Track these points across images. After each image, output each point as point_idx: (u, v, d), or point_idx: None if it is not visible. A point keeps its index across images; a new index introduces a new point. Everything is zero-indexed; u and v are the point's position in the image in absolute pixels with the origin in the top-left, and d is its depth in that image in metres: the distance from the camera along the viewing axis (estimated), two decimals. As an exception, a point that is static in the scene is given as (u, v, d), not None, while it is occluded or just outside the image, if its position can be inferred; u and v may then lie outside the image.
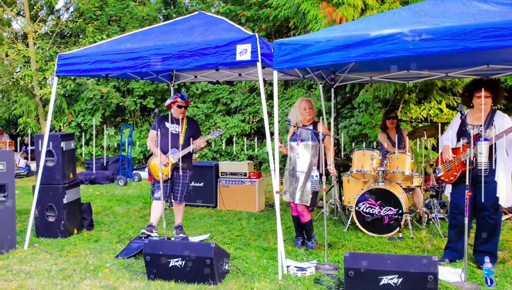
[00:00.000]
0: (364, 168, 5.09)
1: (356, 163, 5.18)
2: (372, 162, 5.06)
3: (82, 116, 11.70)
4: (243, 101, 11.18)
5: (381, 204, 4.93)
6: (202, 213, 6.24)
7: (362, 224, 4.99)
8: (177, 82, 6.90)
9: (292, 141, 4.52)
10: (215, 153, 11.03)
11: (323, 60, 3.67)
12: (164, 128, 4.83)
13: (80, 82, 11.59)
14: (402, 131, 5.77)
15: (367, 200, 4.97)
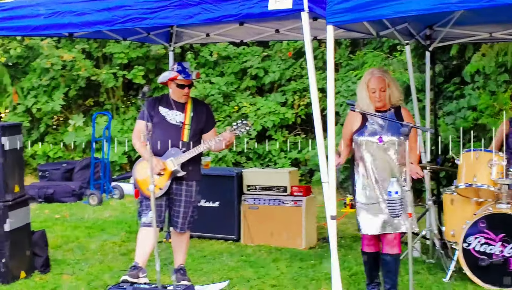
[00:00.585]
0: (478, 180, 5.05)
1: (464, 173, 5.15)
2: (490, 171, 5.02)
3: (33, 96, 12.18)
4: (284, 73, 11.30)
5: (505, 239, 4.88)
6: (218, 250, 6.38)
7: (473, 271, 4.96)
8: (178, 43, 7.09)
9: (360, 135, 4.55)
10: (239, 155, 11.21)
11: (408, 8, 3.66)
12: (158, 117, 4.98)
13: (31, 45, 12.04)
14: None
15: (482, 232, 4.94)
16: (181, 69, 4.92)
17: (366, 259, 4.72)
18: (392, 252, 4.54)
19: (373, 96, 4.51)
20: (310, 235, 6.52)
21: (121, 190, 9.84)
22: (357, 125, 4.60)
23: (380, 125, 4.52)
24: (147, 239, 4.85)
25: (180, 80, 4.91)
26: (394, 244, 4.52)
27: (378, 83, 4.50)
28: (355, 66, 10.11)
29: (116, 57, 11.73)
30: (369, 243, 4.65)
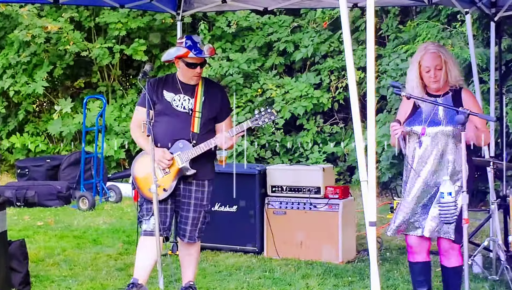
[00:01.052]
0: (552, 180, 5.10)
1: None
2: None
3: (10, 76, 12.35)
4: (318, 48, 11.37)
5: None
6: (235, 264, 6.52)
7: (546, 291, 5.04)
8: (188, 11, 7.24)
9: (409, 125, 4.67)
10: (262, 148, 11.32)
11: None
12: (163, 102, 5.09)
13: (7, 13, 12.16)
14: None
15: (557, 244, 5.00)
16: (191, 44, 4.97)
17: (413, 271, 4.84)
18: (449, 264, 4.66)
19: (427, 76, 4.61)
20: (348, 246, 6.65)
21: (118, 191, 10.00)
22: (408, 111, 4.72)
23: (433, 113, 4.61)
24: (148, 251, 4.96)
25: (191, 58, 4.97)
26: (451, 254, 4.62)
27: (433, 60, 4.59)
28: (406, 39, 10.15)
29: (112, 28, 11.87)
30: (412, 251, 4.76)
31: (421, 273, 4.81)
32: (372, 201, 4.26)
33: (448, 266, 4.68)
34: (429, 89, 4.68)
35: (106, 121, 11.02)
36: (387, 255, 6.72)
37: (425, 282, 4.81)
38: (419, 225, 4.68)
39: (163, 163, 4.95)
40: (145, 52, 11.89)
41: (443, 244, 4.66)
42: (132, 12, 11.73)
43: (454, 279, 4.70)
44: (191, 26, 12.21)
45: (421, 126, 4.62)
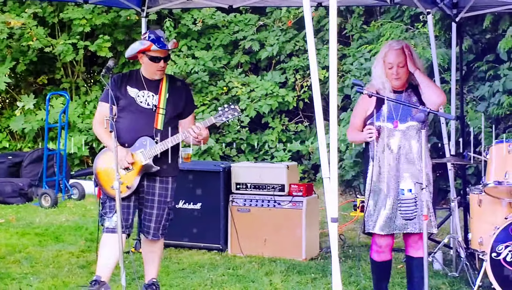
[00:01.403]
0: (510, 177, 5.18)
1: (494, 169, 5.29)
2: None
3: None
4: (283, 46, 11.43)
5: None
6: (199, 261, 6.53)
7: (503, 286, 5.09)
8: (153, 8, 7.22)
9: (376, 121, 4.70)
10: (228, 146, 11.35)
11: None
12: (126, 98, 5.08)
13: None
14: None
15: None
16: (154, 38, 4.98)
17: (375, 269, 4.91)
18: (416, 255, 4.72)
19: (389, 73, 4.67)
20: (312, 243, 6.71)
21: (81, 189, 9.95)
22: (371, 109, 4.76)
23: (397, 108, 4.67)
24: (111, 248, 4.94)
25: (154, 51, 4.97)
26: (420, 245, 4.68)
27: (396, 57, 4.67)
28: (370, 39, 10.26)
29: (76, 24, 11.81)
30: (378, 249, 4.82)
31: (385, 270, 4.89)
32: (334, 197, 4.31)
33: (415, 256, 4.73)
34: (393, 86, 4.73)
35: (69, 118, 10.92)
36: (349, 252, 6.79)
37: (385, 279, 4.91)
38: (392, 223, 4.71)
39: (123, 164, 4.93)
40: (110, 49, 11.85)
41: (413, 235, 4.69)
42: (97, 8, 11.68)
43: (419, 269, 4.70)
44: (157, 23, 12.15)
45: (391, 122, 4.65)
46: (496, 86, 8.29)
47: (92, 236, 7.41)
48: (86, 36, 12.10)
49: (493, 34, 8.59)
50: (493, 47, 8.56)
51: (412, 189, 4.34)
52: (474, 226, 5.74)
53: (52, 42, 11.90)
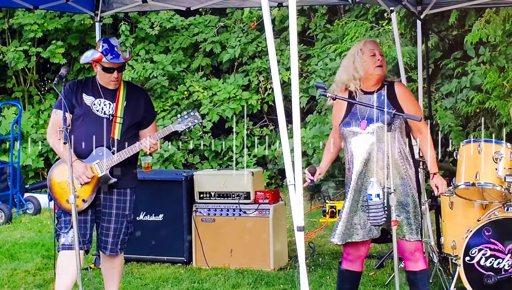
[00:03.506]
0: (481, 178, 5.22)
1: (465, 170, 5.34)
2: (497, 165, 5.20)
3: None
4: (246, 48, 11.43)
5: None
6: (162, 275, 6.47)
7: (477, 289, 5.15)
8: (107, 12, 7.16)
9: (345, 126, 4.68)
10: (190, 153, 11.29)
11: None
12: (82, 107, 5.03)
13: None
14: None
15: (487, 242, 5.13)
16: (107, 48, 4.95)
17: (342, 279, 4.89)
18: (417, 268, 4.65)
19: (372, 61, 4.59)
20: (280, 252, 6.69)
21: (36, 203, 9.82)
22: (343, 112, 4.73)
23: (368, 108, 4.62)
24: (68, 265, 4.88)
25: (106, 62, 4.95)
26: (418, 257, 4.64)
27: (376, 45, 4.67)
28: (334, 38, 10.30)
29: (27, 30, 11.66)
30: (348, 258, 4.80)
31: (352, 282, 4.87)
32: (300, 205, 4.30)
33: (417, 270, 4.66)
34: (364, 85, 4.69)
35: (22, 129, 10.80)
36: (320, 261, 6.78)
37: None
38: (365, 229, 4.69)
39: (82, 180, 4.89)
40: (64, 55, 11.72)
41: (408, 247, 4.62)
42: (49, 13, 11.55)
43: (424, 284, 4.68)
44: (112, 27, 12.09)
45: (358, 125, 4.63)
46: (464, 82, 8.39)
47: (49, 253, 7.31)
48: (38, 42, 11.95)
49: (459, 30, 8.68)
50: (460, 44, 8.65)
51: (380, 194, 4.33)
52: (447, 229, 5.78)
53: (2, 49, 11.76)
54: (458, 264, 5.24)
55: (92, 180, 4.95)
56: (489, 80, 7.97)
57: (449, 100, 8.61)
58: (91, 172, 4.92)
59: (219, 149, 11.22)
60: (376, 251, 6.86)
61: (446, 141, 8.15)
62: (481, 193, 5.41)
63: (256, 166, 10.62)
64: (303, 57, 10.99)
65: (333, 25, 10.71)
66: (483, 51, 8.37)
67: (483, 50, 8.37)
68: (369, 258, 6.70)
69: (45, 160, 11.44)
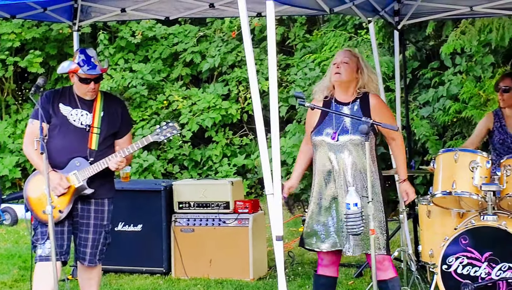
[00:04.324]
0: (458, 187, 5.25)
1: (442, 179, 5.36)
2: (473, 174, 5.23)
3: None
4: (225, 57, 11.44)
5: (491, 259, 5.09)
6: (141, 286, 6.45)
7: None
8: (86, 21, 7.13)
9: (317, 134, 4.72)
10: (170, 163, 11.26)
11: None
12: (59, 117, 5.02)
13: None
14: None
15: (464, 251, 5.15)
16: (84, 59, 4.96)
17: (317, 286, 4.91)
18: (387, 276, 4.68)
19: (333, 69, 4.67)
20: (260, 262, 6.69)
21: (13, 214, 9.76)
22: (315, 121, 4.77)
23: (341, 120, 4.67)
24: (45, 277, 4.82)
25: (82, 73, 4.95)
26: (386, 266, 4.67)
27: (343, 55, 4.72)
28: (313, 48, 10.35)
29: (4, 39, 11.59)
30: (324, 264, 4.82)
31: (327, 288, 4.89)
32: (279, 214, 4.34)
33: (387, 278, 4.69)
34: (337, 96, 4.74)
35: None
36: (299, 270, 6.79)
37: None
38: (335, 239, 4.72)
39: (58, 191, 4.87)
40: (41, 64, 11.67)
41: (376, 258, 4.58)
42: (27, 22, 11.51)
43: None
44: (91, 36, 12.06)
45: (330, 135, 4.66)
46: (441, 91, 8.47)
47: (26, 264, 7.25)
48: (16, 51, 11.88)
49: (436, 40, 8.77)
50: (437, 54, 8.74)
51: (358, 203, 4.35)
52: (424, 238, 5.81)
53: (-22, 58, 11.67)
54: (436, 273, 5.26)
55: (69, 190, 4.93)
56: (465, 90, 8.07)
57: (426, 109, 8.69)
58: (67, 182, 4.90)
59: (198, 158, 11.22)
60: (355, 260, 6.88)
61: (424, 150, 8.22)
62: (458, 201, 5.44)
63: (236, 175, 10.62)
64: (283, 66, 11.03)
65: (312, 35, 10.77)
66: (459, 61, 8.47)
67: (459, 60, 8.47)
68: (348, 267, 6.73)
69: (22, 171, 11.36)
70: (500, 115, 6.02)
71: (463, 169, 5.27)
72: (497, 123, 6.01)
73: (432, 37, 8.72)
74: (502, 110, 6.02)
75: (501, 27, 7.30)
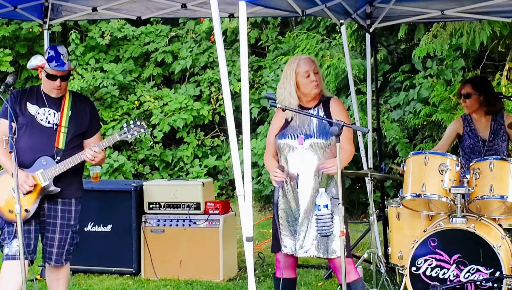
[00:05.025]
0: (427, 190, 5.28)
1: (411, 181, 5.38)
2: (442, 177, 5.27)
3: None
4: (197, 58, 11.40)
5: (460, 261, 5.13)
6: (110, 287, 6.41)
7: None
8: (56, 20, 7.06)
9: (281, 138, 4.73)
10: (140, 163, 11.21)
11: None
12: (26, 116, 4.98)
13: None
14: (504, 118, 6.03)
15: (433, 253, 5.17)
16: (53, 55, 4.93)
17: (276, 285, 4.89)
18: (349, 279, 4.66)
19: (307, 82, 4.68)
20: (230, 263, 6.68)
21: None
22: (280, 125, 4.79)
23: (306, 124, 4.70)
24: (12, 276, 4.80)
25: (49, 68, 4.92)
26: (348, 269, 4.63)
27: (310, 64, 4.72)
28: (286, 50, 10.38)
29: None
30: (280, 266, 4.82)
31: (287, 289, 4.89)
32: (249, 215, 4.35)
33: (350, 281, 4.69)
34: (302, 101, 4.76)
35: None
36: (269, 271, 6.78)
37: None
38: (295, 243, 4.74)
39: (23, 189, 4.82)
40: (11, 63, 11.55)
41: (337, 262, 4.65)
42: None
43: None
44: (62, 36, 11.97)
45: (296, 139, 4.68)
46: (411, 94, 8.54)
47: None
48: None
49: (408, 44, 8.83)
50: (409, 57, 8.80)
51: (328, 205, 4.35)
52: (394, 240, 5.83)
53: None
54: (405, 274, 5.27)
55: (35, 189, 4.90)
56: (436, 93, 8.13)
57: (397, 112, 8.75)
58: (33, 180, 4.86)
59: (169, 159, 11.18)
60: (325, 262, 6.88)
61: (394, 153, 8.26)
62: (427, 204, 5.47)
63: (207, 176, 10.61)
64: (255, 68, 11.04)
65: (284, 37, 10.80)
66: (430, 64, 8.54)
67: (430, 64, 8.54)
68: (318, 269, 6.74)
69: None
70: (469, 120, 6.07)
71: (433, 172, 5.30)
72: (467, 127, 6.05)
73: (403, 41, 8.79)
74: (471, 114, 6.07)
75: (472, 31, 7.38)
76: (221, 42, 4.48)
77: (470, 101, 5.97)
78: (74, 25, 11.72)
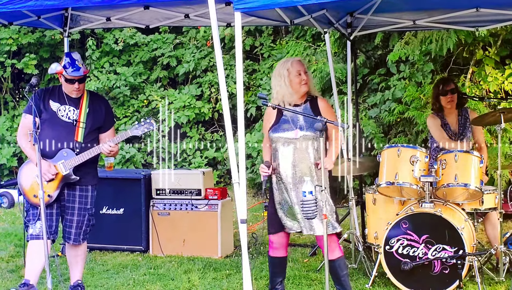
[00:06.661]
0: (400, 178, 5.32)
1: (386, 171, 5.42)
2: (413, 167, 5.30)
3: None
4: (199, 63, 11.41)
5: (428, 241, 5.18)
6: (122, 262, 6.42)
7: (395, 275, 5.23)
8: (75, 28, 7.05)
9: (275, 132, 4.73)
10: (149, 155, 11.22)
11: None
12: (48, 112, 5.02)
13: None
14: (469, 114, 6.06)
15: (404, 233, 5.23)
16: (69, 62, 4.98)
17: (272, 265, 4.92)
18: (334, 257, 4.68)
19: (298, 80, 4.66)
20: (227, 242, 6.69)
21: (10, 198, 9.67)
22: (272, 121, 4.78)
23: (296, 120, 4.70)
24: (37, 253, 4.86)
25: (67, 74, 4.96)
26: (333, 247, 4.68)
27: (301, 65, 4.73)
28: (278, 56, 10.37)
29: (3, 43, 11.46)
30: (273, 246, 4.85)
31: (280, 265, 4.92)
32: (243, 200, 4.38)
33: (334, 258, 4.69)
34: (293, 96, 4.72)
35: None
36: (261, 249, 6.79)
37: (280, 273, 4.94)
38: (286, 223, 4.77)
39: (46, 177, 4.87)
40: (36, 66, 11.56)
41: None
42: (23, 28, 11.39)
43: (342, 269, 4.73)
44: (80, 42, 11.96)
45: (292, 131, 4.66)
46: (387, 95, 8.55)
47: (21, 242, 7.15)
48: (13, 54, 11.75)
49: (383, 50, 8.85)
50: (384, 62, 8.80)
51: (313, 191, 4.36)
52: (370, 222, 5.86)
53: (-21, 60, 11.51)
54: (380, 252, 5.33)
55: (57, 177, 4.93)
56: (408, 94, 8.14)
57: (374, 110, 8.76)
58: (55, 170, 4.90)
59: (174, 151, 11.20)
60: (310, 241, 6.91)
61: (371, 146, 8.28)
62: (400, 191, 5.51)
63: (207, 166, 10.63)
64: (250, 71, 11.05)
65: (276, 44, 10.82)
66: (403, 68, 8.55)
67: (403, 67, 8.55)
68: (304, 247, 6.75)
69: (18, 160, 11.27)
70: (441, 115, 6.04)
71: (405, 162, 5.34)
72: (441, 122, 6.04)
73: (380, 47, 8.80)
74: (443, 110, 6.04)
75: (440, 38, 7.40)
76: (219, 49, 4.49)
77: (455, 96, 5.98)
78: (91, 33, 11.71)
